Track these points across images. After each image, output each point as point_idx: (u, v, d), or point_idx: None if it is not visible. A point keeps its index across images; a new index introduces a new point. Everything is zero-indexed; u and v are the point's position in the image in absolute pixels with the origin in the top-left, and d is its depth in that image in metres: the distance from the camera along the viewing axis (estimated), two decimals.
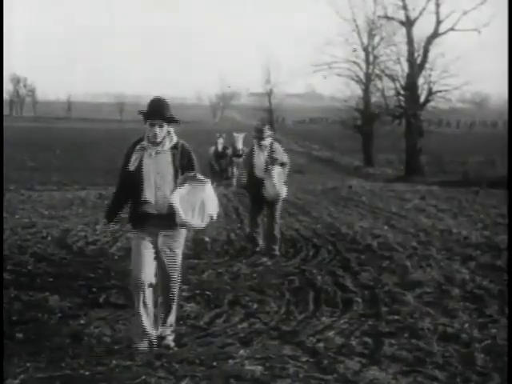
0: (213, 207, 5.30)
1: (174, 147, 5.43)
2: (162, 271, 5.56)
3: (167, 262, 5.51)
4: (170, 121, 5.41)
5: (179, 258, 5.61)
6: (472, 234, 10.80)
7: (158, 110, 5.32)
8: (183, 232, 5.58)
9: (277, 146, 9.38)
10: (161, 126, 5.33)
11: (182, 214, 5.15)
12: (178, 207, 5.11)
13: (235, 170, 19.63)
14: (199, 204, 5.17)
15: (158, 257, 5.48)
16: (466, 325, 6.04)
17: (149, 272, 5.41)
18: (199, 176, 5.20)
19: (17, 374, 4.83)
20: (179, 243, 5.57)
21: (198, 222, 5.24)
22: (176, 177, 5.36)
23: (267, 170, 9.09)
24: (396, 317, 6.33)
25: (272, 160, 9.14)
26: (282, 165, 9.21)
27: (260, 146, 9.27)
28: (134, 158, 5.36)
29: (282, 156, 9.31)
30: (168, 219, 5.26)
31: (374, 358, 5.25)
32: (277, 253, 9.22)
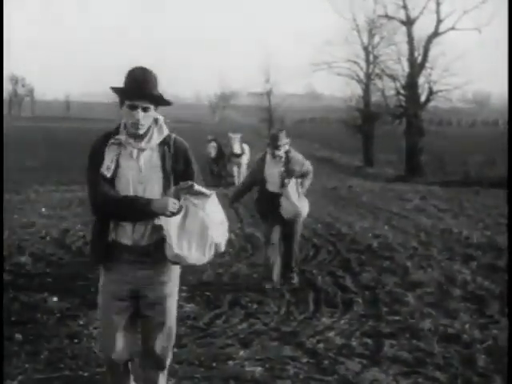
0: (220, 233, 3.65)
1: (165, 143, 3.70)
2: (147, 336, 3.87)
3: (154, 323, 3.79)
4: (159, 102, 3.64)
5: (172, 314, 3.85)
6: (473, 234, 10.78)
7: (141, 86, 3.52)
8: (176, 272, 3.86)
9: (294, 154, 7.57)
10: (145, 110, 3.55)
11: (175, 244, 3.51)
12: (168, 235, 3.50)
13: (235, 169, 19.61)
14: (200, 229, 3.54)
15: (139, 313, 3.79)
16: (467, 325, 6.03)
17: (124, 343, 3.77)
18: (200, 187, 3.57)
19: (15, 374, 4.82)
20: (170, 289, 3.79)
21: (197, 255, 3.60)
22: (166, 187, 3.64)
23: (283, 185, 7.41)
24: (396, 317, 6.32)
25: (288, 172, 7.42)
26: (303, 175, 7.56)
27: (274, 156, 7.47)
28: (108, 158, 3.61)
29: (302, 165, 7.54)
30: (153, 253, 3.61)
31: (374, 359, 5.24)
32: (295, 282, 7.66)
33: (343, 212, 13.81)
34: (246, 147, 20.05)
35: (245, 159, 19.76)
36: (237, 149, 19.39)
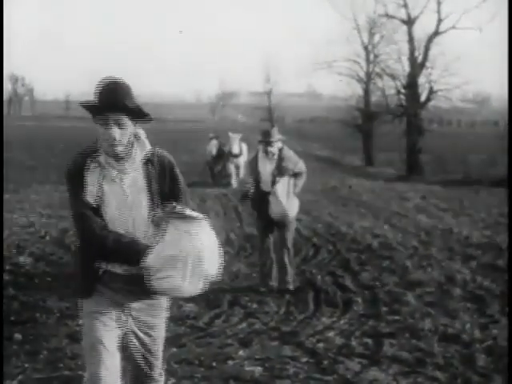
0: (212, 262, 3.24)
1: (148, 160, 3.28)
2: (134, 367, 3.49)
3: (142, 353, 3.42)
4: (136, 115, 3.20)
5: (159, 346, 3.48)
6: (473, 233, 10.78)
7: (113, 98, 3.10)
8: (165, 305, 3.49)
9: (287, 152, 7.32)
10: (121, 126, 3.14)
11: (164, 276, 3.11)
12: (153, 264, 3.09)
13: (233, 168, 19.48)
14: (191, 257, 3.11)
15: (126, 345, 3.38)
16: (467, 325, 6.02)
17: (110, 374, 3.30)
18: (190, 211, 3.15)
19: (15, 374, 4.81)
20: (159, 320, 3.46)
21: (187, 286, 3.16)
22: (154, 210, 3.26)
23: (274, 183, 7.20)
24: (396, 317, 6.31)
25: (280, 170, 7.18)
26: (296, 175, 7.28)
27: (266, 152, 7.28)
28: (91, 182, 3.19)
29: (295, 164, 7.28)
30: (141, 283, 3.13)
31: (374, 359, 5.23)
32: (290, 287, 7.33)
33: (343, 211, 13.81)
34: (244, 147, 19.96)
35: (243, 160, 19.60)
36: (235, 149, 19.30)
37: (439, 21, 29.87)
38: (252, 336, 5.79)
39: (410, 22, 30.48)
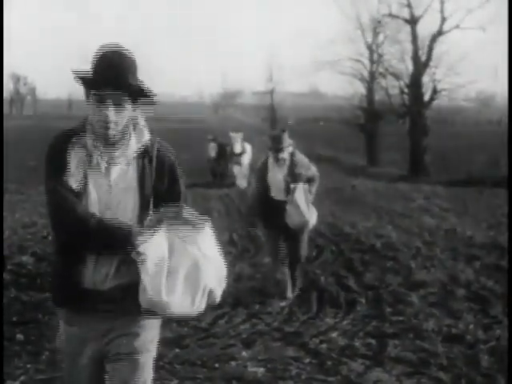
0: (215, 275, 2.71)
1: (145, 153, 2.76)
2: None
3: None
4: (138, 94, 2.68)
5: (147, 374, 2.93)
6: (477, 233, 10.74)
7: (114, 72, 2.56)
8: (154, 325, 2.89)
9: (300, 157, 6.94)
10: (119, 105, 2.61)
11: (151, 290, 2.53)
12: (145, 279, 2.54)
13: (235, 169, 19.51)
14: (189, 270, 2.59)
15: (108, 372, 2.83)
16: (471, 326, 6.00)
17: None
18: (190, 215, 2.70)
19: (17, 375, 4.80)
20: (147, 343, 2.87)
21: (185, 305, 2.59)
22: (143, 215, 2.72)
23: (289, 191, 6.76)
24: (400, 318, 6.29)
25: (294, 177, 6.78)
26: (310, 181, 6.89)
27: (277, 159, 6.83)
28: (73, 164, 2.71)
29: (307, 169, 6.92)
30: (125, 301, 2.67)
31: (377, 360, 5.22)
32: (289, 295, 7.03)
33: (346, 212, 13.78)
34: (247, 146, 19.94)
35: (246, 158, 19.63)
36: (237, 148, 19.27)
37: (443, 20, 29.83)
38: (255, 337, 5.78)
39: (413, 21, 30.44)
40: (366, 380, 4.83)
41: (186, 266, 2.60)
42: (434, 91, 30.54)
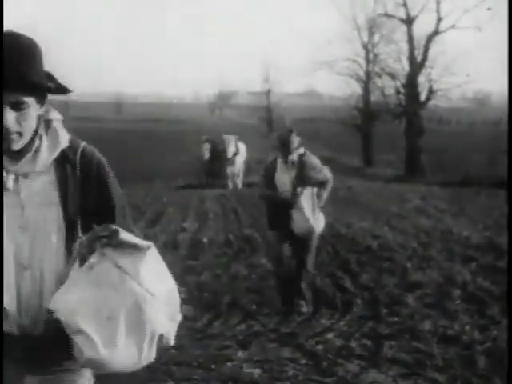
0: (166, 316, 2.16)
1: (65, 159, 2.19)
2: None
3: None
4: (43, 92, 2.12)
5: None
6: (473, 234, 10.74)
7: (8, 67, 1.95)
8: (86, 377, 2.27)
9: (310, 158, 6.48)
10: (18, 107, 2.01)
11: (84, 344, 1.95)
12: (73, 322, 1.94)
13: (228, 170, 19.36)
14: (129, 314, 1.99)
15: None
16: (467, 327, 5.99)
17: None
18: (129, 236, 2.07)
19: None
20: None
21: (130, 357, 2.02)
22: (70, 238, 2.13)
23: (296, 195, 6.36)
24: (396, 318, 6.30)
25: (302, 180, 6.34)
26: (320, 185, 6.47)
27: (286, 161, 6.40)
28: None
29: (319, 172, 6.48)
30: (49, 348, 2.09)
31: (373, 361, 5.22)
32: (304, 310, 6.53)
33: (342, 212, 13.76)
34: (242, 146, 19.83)
35: (240, 159, 19.53)
36: (230, 152, 19.10)
37: (439, 20, 29.84)
38: (251, 338, 5.78)
39: (409, 21, 30.45)
40: (361, 381, 4.82)
41: (126, 308, 1.99)
42: (430, 91, 30.55)
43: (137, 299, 2.00)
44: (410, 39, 30.56)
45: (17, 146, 2.04)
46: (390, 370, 5.03)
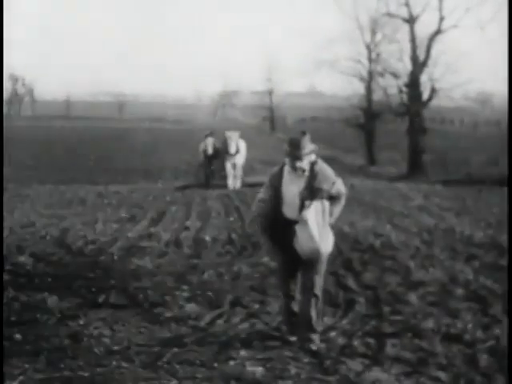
0: None
1: None
2: None
3: None
4: None
5: None
6: (475, 233, 10.73)
7: None
8: None
9: (322, 167, 5.60)
10: None
11: None
12: None
13: (229, 169, 18.73)
14: None
15: None
16: (470, 325, 6.00)
17: None
18: None
19: (15, 375, 4.79)
20: None
21: None
22: None
23: (302, 209, 5.49)
24: (399, 317, 6.29)
25: (311, 192, 5.48)
26: (332, 199, 5.65)
27: (294, 168, 5.51)
28: None
29: (332, 184, 5.60)
30: None
31: (376, 359, 5.22)
32: (315, 346, 5.51)
33: (345, 211, 13.68)
34: (242, 144, 19.17)
35: (240, 159, 18.91)
36: (232, 149, 18.54)
37: (441, 19, 29.81)
38: (254, 336, 5.77)
39: (411, 20, 30.43)
40: (364, 379, 4.83)
41: None
42: (433, 90, 30.52)
43: None
44: (413, 38, 30.53)
45: None
46: (392, 368, 5.04)
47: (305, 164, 5.48)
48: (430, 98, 30.72)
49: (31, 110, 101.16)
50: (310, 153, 5.50)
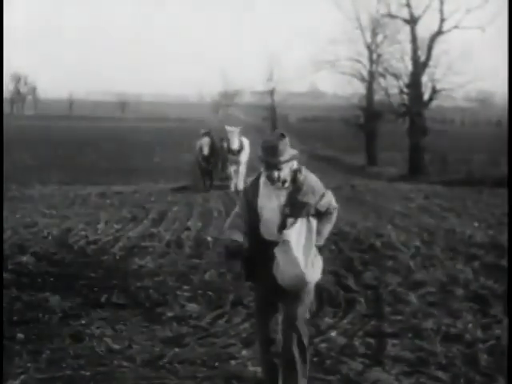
0: None
1: None
2: None
3: None
4: None
5: None
6: (476, 233, 10.74)
7: None
8: None
9: (307, 176, 4.50)
10: None
11: None
12: None
13: (232, 169, 17.37)
14: None
15: None
16: (470, 325, 6.02)
17: None
18: None
19: (17, 374, 4.82)
20: None
21: None
22: None
23: (282, 228, 4.40)
24: (399, 317, 6.31)
25: (294, 207, 4.41)
26: (321, 215, 4.57)
27: (272, 179, 4.41)
28: None
29: (319, 197, 4.51)
30: None
31: (377, 359, 5.24)
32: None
33: (346, 211, 13.75)
34: (245, 141, 17.55)
35: (244, 157, 17.32)
36: (235, 144, 16.96)
37: (442, 20, 29.80)
38: (255, 336, 5.79)
39: (412, 21, 30.41)
40: (365, 379, 4.85)
41: None
42: (434, 91, 30.50)
43: None
44: (414, 39, 30.51)
45: None
46: (393, 368, 5.05)
47: (285, 174, 4.39)
48: (431, 99, 30.71)
49: (34, 109, 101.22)
50: (290, 159, 4.38)
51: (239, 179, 17.19)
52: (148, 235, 10.35)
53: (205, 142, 17.27)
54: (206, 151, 17.17)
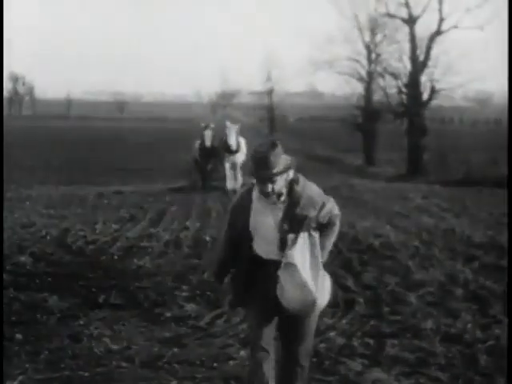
0: None
1: None
2: None
3: None
4: None
5: None
6: (475, 233, 10.73)
7: None
8: None
9: (306, 186, 4.09)
10: None
11: None
12: None
13: (228, 169, 16.90)
14: None
15: None
16: (469, 325, 6.02)
17: None
18: None
19: (16, 375, 4.81)
20: None
21: None
22: None
23: (284, 246, 3.97)
24: (398, 317, 6.31)
25: (295, 222, 3.97)
26: (323, 227, 4.17)
27: (265, 193, 3.94)
28: None
29: (321, 208, 4.11)
30: None
31: (376, 359, 5.23)
32: None
33: (344, 211, 13.66)
34: (242, 141, 17.13)
35: (240, 158, 16.82)
36: (233, 141, 16.44)
37: (441, 20, 29.81)
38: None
39: (411, 21, 30.42)
40: (364, 379, 4.84)
41: None
42: (432, 91, 30.51)
43: None
44: (412, 39, 30.52)
45: None
46: (392, 368, 5.05)
47: (280, 186, 3.94)
48: (430, 99, 30.72)
49: (32, 110, 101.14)
50: (284, 170, 3.91)
51: (236, 180, 17.01)
52: (146, 235, 10.34)
53: (207, 134, 17.13)
54: (208, 143, 17.02)
